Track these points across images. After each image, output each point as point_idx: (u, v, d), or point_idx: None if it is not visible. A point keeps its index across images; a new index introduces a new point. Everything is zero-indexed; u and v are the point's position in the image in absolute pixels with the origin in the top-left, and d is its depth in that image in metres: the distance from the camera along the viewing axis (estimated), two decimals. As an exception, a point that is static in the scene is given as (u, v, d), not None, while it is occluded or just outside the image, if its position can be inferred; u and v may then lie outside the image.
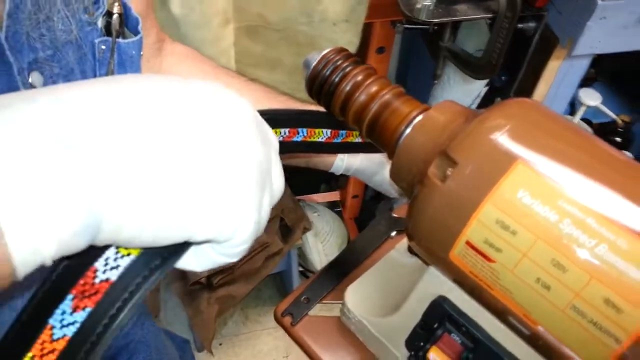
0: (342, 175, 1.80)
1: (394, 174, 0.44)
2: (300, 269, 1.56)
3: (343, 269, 0.57)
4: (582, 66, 0.92)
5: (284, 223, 1.31)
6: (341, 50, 0.47)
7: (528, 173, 0.34)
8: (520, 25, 0.88)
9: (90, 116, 0.25)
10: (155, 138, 0.27)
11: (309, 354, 0.52)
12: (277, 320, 0.53)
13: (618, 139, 1.56)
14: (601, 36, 0.81)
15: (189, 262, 0.32)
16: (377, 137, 0.45)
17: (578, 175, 0.34)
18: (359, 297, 0.52)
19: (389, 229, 0.60)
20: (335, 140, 0.53)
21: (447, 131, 0.39)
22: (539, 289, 0.33)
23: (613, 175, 0.34)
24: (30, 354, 0.27)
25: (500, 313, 0.38)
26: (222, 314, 1.28)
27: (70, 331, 0.27)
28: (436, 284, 0.44)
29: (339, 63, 0.46)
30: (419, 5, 0.83)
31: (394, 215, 0.62)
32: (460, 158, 0.36)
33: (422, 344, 0.42)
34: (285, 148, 0.44)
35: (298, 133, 0.48)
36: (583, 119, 1.50)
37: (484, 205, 0.35)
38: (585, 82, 1.44)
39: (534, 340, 0.36)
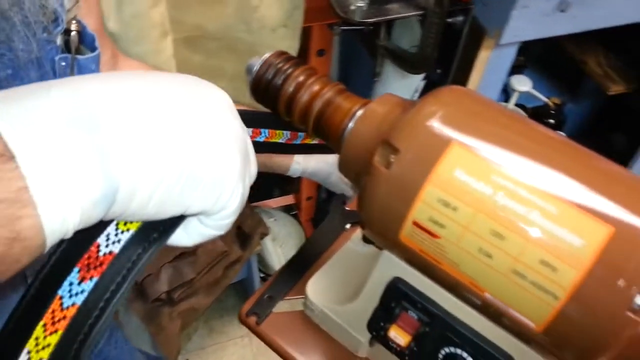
0: (294, 178, 1.81)
1: (342, 167, 0.46)
2: (262, 274, 1.56)
3: (303, 265, 0.59)
4: (510, 54, 0.98)
5: (242, 230, 1.31)
6: (282, 53, 0.49)
7: (462, 153, 0.37)
8: (449, 20, 0.93)
9: (101, 104, 0.29)
10: (160, 120, 0.30)
11: (277, 350, 0.54)
12: (242, 321, 0.54)
13: (552, 121, 1.66)
14: (524, 24, 0.87)
15: (181, 237, 0.35)
16: (323, 133, 0.47)
17: (507, 152, 0.37)
18: (319, 289, 0.54)
19: (343, 222, 0.62)
20: (295, 142, 0.56)
21: (388, 121, 0.42)
22: (482, 258, 0.36)
23: (539, 149, 0.38)
24: (42, 322, 0.29)
25: (451, 286, 0.40)
26: (185, 328, 1.27)
27: (79, 299, 0.30)
28: (391, 266, 0.46)
29: (280, 66, 0.47)
30: (352, 7, 0.86)
31: (347, 208, 0.65)
32: (401, 145, 0.39)
33: (382, 324, 0.45)
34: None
35: (260, 133, 0.51)
36: (518, 105, 1.59)
37: (425, 187, 0.38)
38: (516, 70, 1.53)
39: (484, 307, 0.39)
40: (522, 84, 1.38)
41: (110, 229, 0.32)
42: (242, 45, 0.95)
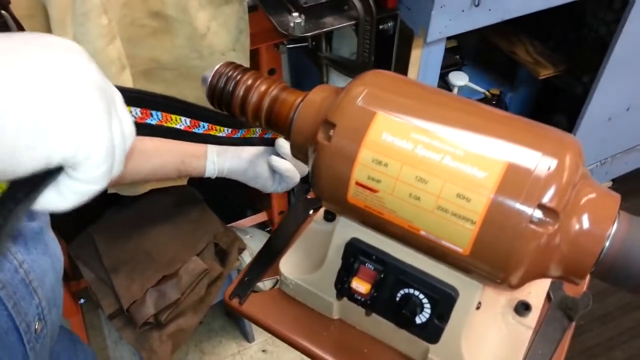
0: (265, 196, 1.86)
1: (294, 151, 0.54)
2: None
3: (275, 250, 0.66)
4: (439, 50, 1.08)
5: (219, 248, 1.37)
6: (230, 63, 0.57)
7: (386, 120, 0.46)
8: (381, 27, 1.03)
9: None
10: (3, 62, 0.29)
11: (261, 325, 0.60)
12: (227, 304, 0.61)
13: (494, 111, 1.78)
14: (445, 22, 0.98)
15: (54, 199, 0.33)
16: (275, 126, 0.55)
17: (421, 114, 0.46)
18: (291, 264, 0.61)
19: (307, 209, 0.70)
20: (195, 130, 0.55)
21: (325, 105, 0.50)
22: (413, 202, 0.44)
23: (446, 110, 0.46)
24: None
25: (395, 233, 0.48)
26: (176, 350, 1.30)
27: None
28: (347, 230, 0.54)
29: (230, 74, 0.55)
30: (292, 24, 0.96)
31: (309, 197, 0.72)
32: (337, 120, 0.47)
33: (345, 279, 0.52)
34: (142, 130, 0.46)
35: (152, 115, 0.48)
36: (460, 99, 1.71)
37: (361, 151, 0.46)
38: (455, 68, 1.65)
39: (423, 245, 0.47)
40: (460, 79, 1.51)
41: None
42: (197, 71, 1.02)
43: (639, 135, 1.86)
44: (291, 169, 0.65)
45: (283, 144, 0.64)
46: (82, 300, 1.56)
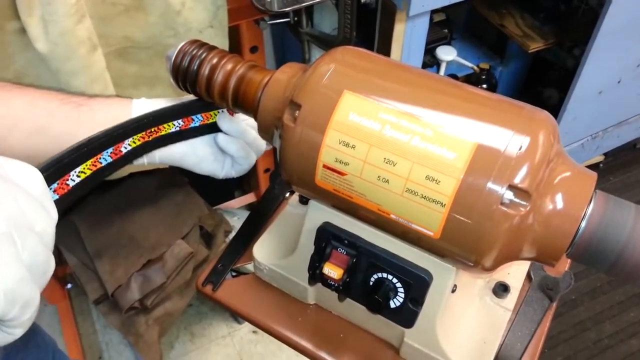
0: (252, 177, 1.83)
1: (261, 132, 0.51)
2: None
3: (250, 234, 0.64)
4: (423, 24, 1.05)
5: (204, 231, 1.35)
6: (195, 41, 0.54)
7: (353, 99, 0.43)
8: (363, 1, 1.00)
9: None
10: None
11: (236, 311, 0.59)
12: (199, 291, 0.59)
13: (485, 85, 1.76)
14: (429, -6, 0.95)
15: None
16: (242, 106, 0.53)
17: (389, 93, 0.43)
18: (265, 250, 0.59)
19: (283, 192, 0.68)
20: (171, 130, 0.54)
21: (291, 85, 0.48)
22: (382, 184, 0.43)
23: (415, 88, 0.44)
24: None
25: (366, 217, 0.47)
26: (164, 334, 1.30)
27: None
28: (319, 214, 0.52)
29: (194, 52, 0.53)
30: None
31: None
32: (303, 101, 0.45)
33: (317, 264, 0.50)
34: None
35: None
36: (450, 74, 1.68)
37: (327, 132, 0.44)
38: (443, 42, 1.62)
39: (394, 229, 0.45)
40: (447, 53, 1.47)
41: None
42: (173, 50, 0.99)
43: (631, 108, 1.84)
44: (243, 147, 0.56)
45: (227, 119, 0.56)
46: (69, 286, 1.55)
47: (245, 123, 0.57)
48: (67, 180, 0.46)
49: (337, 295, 0.52)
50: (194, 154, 0.57)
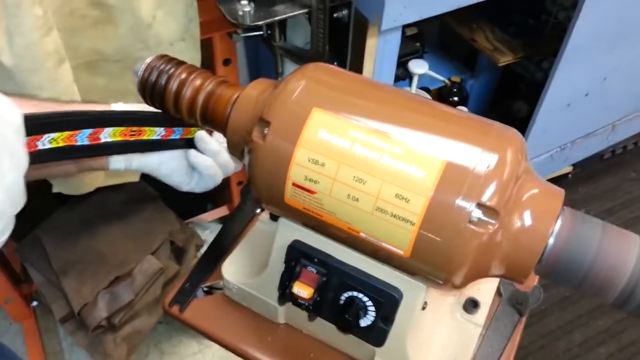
0: (225, 190, 1.81)
1: (231, 148, 0.51)
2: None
3: (219, 252, 0.63)
4: (395, 39, 1.06)
5: (176, 246, 1.32)
6: (163, 56, 0.53)
7: (323, 117, 0.43)
8: (335, 15, 1.00)
9: None
10: None
11: (204, 333, 0.57)
12: (166, 312, 0.58)
13: (456, 98, 1.78)
14: (400, 9, 0.95)
15: None
16: (211, 123, 0.52)
17: (359, 111, 0.43)
18: (234, 268, 0.58)
19: (254, 208, 0.67)
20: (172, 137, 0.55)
21: (261, 101, 0.47)
22: (351, 203, 0.42)
23: (385, 106, 0.44)
24: None
25: (336, 235, 0.46)
26: (132, 352, 1.26)
27: None
28: (289, 232, 0.51)
29: (162, 67, 0.52)
30: (240, 13, 0.92)
31: (256, 195, 0.69)
32: (272, 118, 0.44)
33: (287, 283, 0.50)
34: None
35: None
36: (421, 87, 1.70)
37: (296, 150, 0.43)
38: (415, 55, 1.64)
39: (364, 247, 0.45)
40: (419, 67, 1.49)
41: None
42: (143, 63, 0.97)
43: (598, 120, 1.89)
44: (212, 167, 0.57)
45: (203, 137, 0.56)
46: (34, 303, 1.50)
47: (222, 145, 0.57)
48: (38, 140, 0.44)
49: (308, 314, 0.51)
50: (168, 165, 0.57)
